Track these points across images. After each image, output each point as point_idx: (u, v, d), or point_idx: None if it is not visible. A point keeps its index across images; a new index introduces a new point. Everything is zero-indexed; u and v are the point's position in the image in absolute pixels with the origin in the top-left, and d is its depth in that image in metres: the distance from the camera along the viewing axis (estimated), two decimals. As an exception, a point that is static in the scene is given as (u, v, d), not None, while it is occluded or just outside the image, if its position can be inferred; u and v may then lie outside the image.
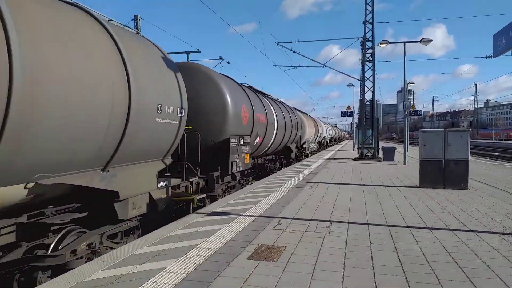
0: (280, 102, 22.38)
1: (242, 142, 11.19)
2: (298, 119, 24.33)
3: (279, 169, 19.75)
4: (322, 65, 26.44)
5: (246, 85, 15.63)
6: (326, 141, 52.98)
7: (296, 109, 30.06)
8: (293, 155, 23.02)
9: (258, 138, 13.61)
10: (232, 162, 10.48)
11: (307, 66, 28.84)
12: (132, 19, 23.54)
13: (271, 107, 16.91)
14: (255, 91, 16.16)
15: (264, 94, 18.10)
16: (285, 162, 22.26)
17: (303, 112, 34.25)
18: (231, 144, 10.34)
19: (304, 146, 29.00)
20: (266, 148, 16.35)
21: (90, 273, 4.30)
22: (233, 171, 10.70)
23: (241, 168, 11.58)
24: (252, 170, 15.62)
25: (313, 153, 34.72)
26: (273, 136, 16.54)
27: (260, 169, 17.03)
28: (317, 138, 38.56)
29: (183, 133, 8.30)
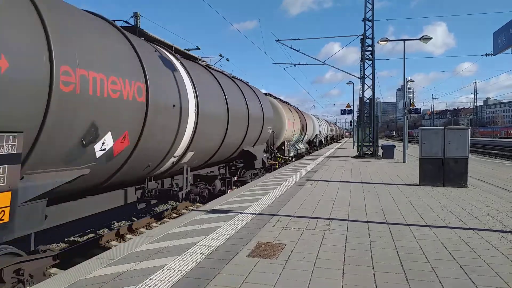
0: (233, 78, 14.09)
1: None
2: (265, 108, 15.95)
3: (222, 192, 11.19)
4: (322, 63, 26.47)
5: (125, 25, 8.28)
6: (321, 140, 43.55)
7: (271, 95, 22.16)
8: (258, 164, 14.86)
9: (102, 140, 5.88)
10: None
11: (307, 64, 28.81)
12: (132, 16, 23.51)
13: (184, 75, 8.93)
14: (154, 41, 9.04)
15: (189, 57, 10.64)
16: (237, 179, 13.45)
17: (284, 102, 25.73)
18: None
19: (283, 148, 21.28)
20: (174, 160, 8.84)
21: (90, 271, 4.31)
22: None
23: None
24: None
25: (300, 156, 27.41)
26: (190, 133, 8.87)
27: (164, 198, 9.05)
28: (305, 136, 30.12)
29: None
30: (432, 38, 20.01)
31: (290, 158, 23.86)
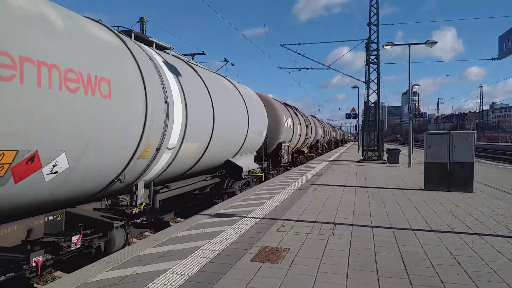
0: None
1: None
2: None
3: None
4: (327, 67, 26.45)
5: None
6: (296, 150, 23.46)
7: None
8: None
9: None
10: None
11: (312, 68, 28.92)
12: (138, 21, 23.65)
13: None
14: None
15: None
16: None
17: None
18: None
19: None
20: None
21: (94, 274, 4.33)
22: None
23: None
24: None
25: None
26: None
27: None
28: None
29: None
30: (437, 42, 19.93)
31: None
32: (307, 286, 4.04)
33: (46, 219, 5.31)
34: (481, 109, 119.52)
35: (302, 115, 25.45)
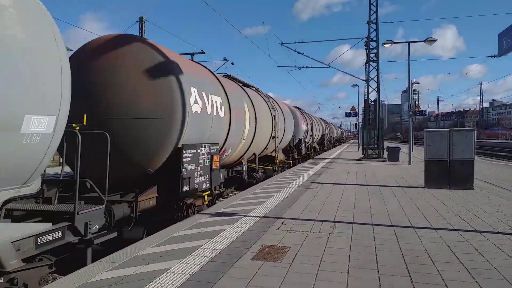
0: None
1: None
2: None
3: None
4: (326, 66, 26.41)
5: None
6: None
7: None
8: None
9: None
10: None
11: (311, 67, 28.92)
12: (137, 21, 23.62)
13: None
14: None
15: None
16: None
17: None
18: None
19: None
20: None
21: (94, 274, 4.32)
22: None
23: None
24: None
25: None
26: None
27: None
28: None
29: None
30: (436, 40, 19.89)
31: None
32: (308, 284, 4.04)
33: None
34: (481, 106, 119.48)
35: (266, 99, 16.05)
